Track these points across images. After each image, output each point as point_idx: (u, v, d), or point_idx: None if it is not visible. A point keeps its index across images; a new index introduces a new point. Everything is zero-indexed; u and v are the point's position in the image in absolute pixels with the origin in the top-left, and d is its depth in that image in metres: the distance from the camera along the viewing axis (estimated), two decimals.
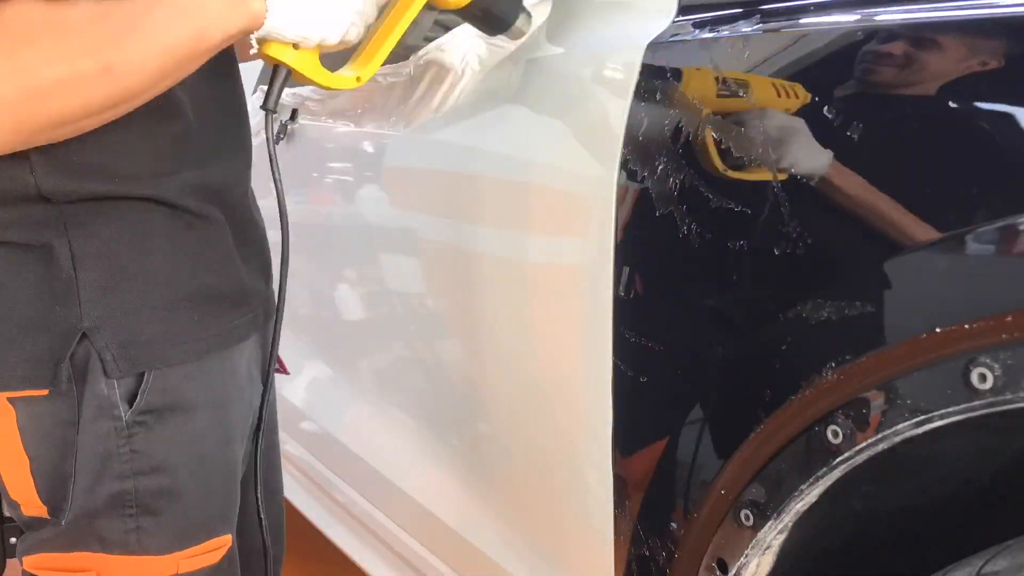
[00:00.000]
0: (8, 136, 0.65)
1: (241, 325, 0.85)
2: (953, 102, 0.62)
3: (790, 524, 0.72)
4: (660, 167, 0.78)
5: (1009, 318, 0.55)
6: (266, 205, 0.93)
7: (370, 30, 0.85)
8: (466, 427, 1.17)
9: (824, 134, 0.67)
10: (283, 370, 1.43)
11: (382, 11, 0.85)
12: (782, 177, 0.69)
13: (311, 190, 1.53)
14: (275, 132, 1.14)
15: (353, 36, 0.80)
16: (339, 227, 1.42)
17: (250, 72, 1.79)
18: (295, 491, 1.70)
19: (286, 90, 0.83)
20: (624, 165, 0.82)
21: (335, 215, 1.44)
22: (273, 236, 0.88)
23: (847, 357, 0.64)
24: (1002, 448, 0.74)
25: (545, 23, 1.01)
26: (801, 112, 0.69)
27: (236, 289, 0.84)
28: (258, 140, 0.89)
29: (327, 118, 1.49)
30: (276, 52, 0.77)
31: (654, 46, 0.86)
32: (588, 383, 0.90)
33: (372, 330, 1.40)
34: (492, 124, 1.05)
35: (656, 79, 0.81)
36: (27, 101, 0.64)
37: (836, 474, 0.67)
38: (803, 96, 0.68)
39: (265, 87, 0.81)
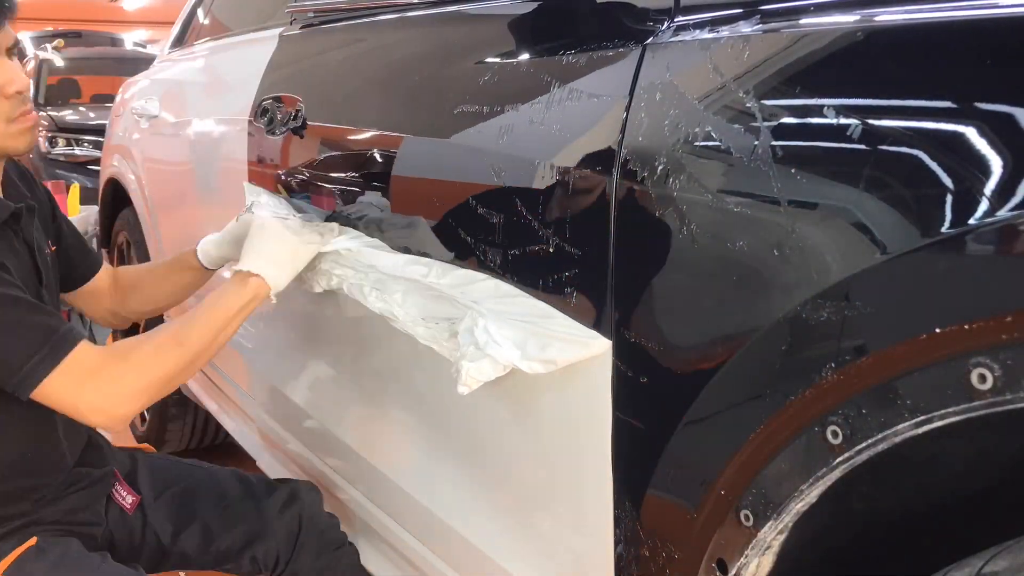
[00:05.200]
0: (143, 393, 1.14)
1: None
2: (954, 102, 0.62)
3: (790, 524, 0.72)
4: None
5: (1009, 318, 0.55)
6: None
7: None
8: (467, 427, 1.17)
9: (824, 134, 0.67)
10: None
11: None
12: (784, 177, 0.69)
13: (314, 190, 1.53)
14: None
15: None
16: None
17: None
18: None
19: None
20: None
21: (338, 216, 1.44)
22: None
23: (847, 357, 0.64)
24: (1002, 448, 0.74)
25: None
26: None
27: None
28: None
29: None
30: None
31: (653, 47, 0.86)
32: (588, 383, 0.90)
33: (375, 328, 1.40)
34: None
35: None
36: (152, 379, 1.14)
37: (836, 474, 0.67)
38: None
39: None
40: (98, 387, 1.09)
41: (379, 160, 1.29)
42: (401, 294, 1.12)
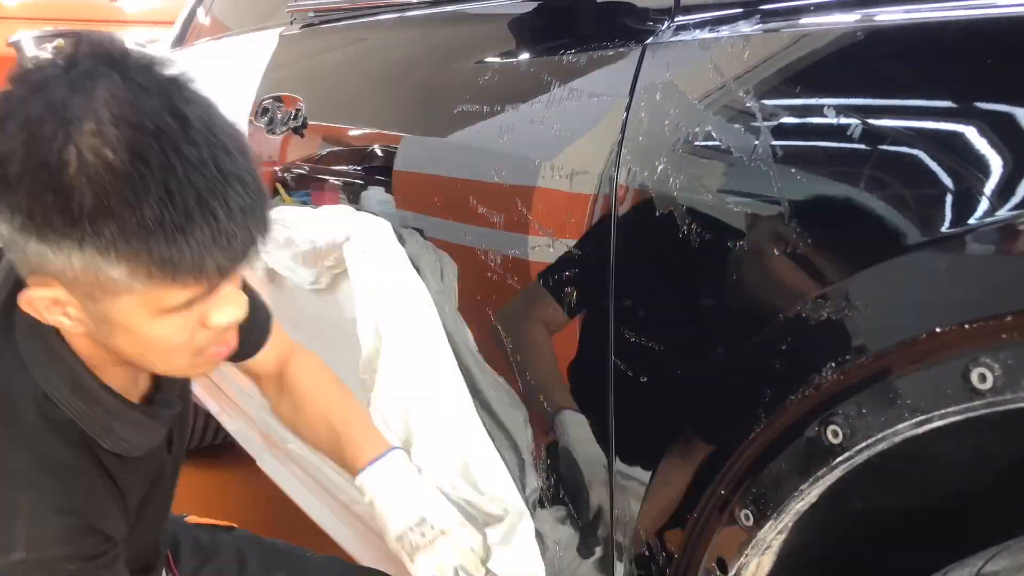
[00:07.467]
0: None
1: None
2: (954, 102, 0.62)
3: (790, 524, 0.72)
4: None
5: (1009, 318, 0.55)
6: None
7: None
8: (466, 427, 1.17)
9: (824, 133, 0.67)
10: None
11: None
12: (784, 177, 0.69)
13: (315, 190, 1.53)
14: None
15: None
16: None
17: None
18: (299, 491, 1.70)
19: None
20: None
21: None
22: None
23: (847, 357, 0.64)
24: (1002, 448, 0.74)
25: None
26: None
27: None
28: None
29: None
30: None
31: (654, 47, 0.86)
32: (588, 382, 0.90)
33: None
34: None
35: None
36: None
37: (836, 474, 0.67)
38: None
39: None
40: None
41: (379, 159, 1.29)
42: None
